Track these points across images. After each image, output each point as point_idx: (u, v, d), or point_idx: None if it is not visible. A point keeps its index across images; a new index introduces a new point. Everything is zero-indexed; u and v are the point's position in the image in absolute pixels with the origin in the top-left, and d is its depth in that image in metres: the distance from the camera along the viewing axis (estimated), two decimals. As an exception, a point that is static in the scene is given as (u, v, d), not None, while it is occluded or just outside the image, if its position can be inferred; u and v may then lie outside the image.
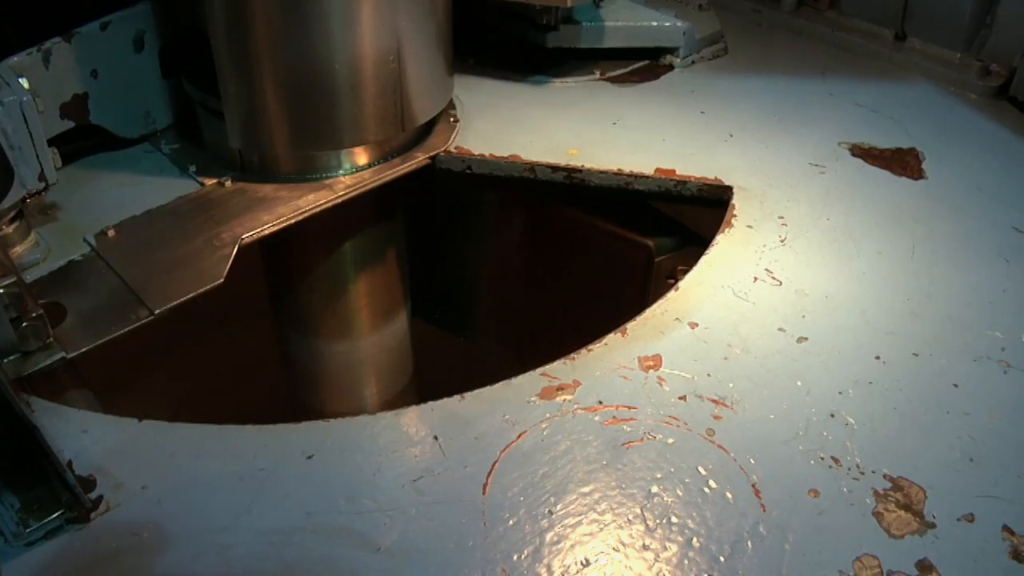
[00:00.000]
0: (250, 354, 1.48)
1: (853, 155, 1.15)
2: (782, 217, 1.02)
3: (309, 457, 0.72)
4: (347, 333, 1.29)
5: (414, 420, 0.76)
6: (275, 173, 1.07)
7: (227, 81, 1.00)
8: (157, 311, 0.86)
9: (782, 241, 0.99)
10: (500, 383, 0.79)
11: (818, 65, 1.38)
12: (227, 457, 0.72)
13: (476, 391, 0.78)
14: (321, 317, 1.27)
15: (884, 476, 0.72)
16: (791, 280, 0.93)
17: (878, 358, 0.83)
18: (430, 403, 0.77)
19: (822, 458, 0.73)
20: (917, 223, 1.02)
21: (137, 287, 0.89)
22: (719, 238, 0.98)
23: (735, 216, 1.02)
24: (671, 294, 0.90)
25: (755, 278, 0.93)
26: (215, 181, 1.06)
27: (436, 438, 0.74)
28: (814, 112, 1.25)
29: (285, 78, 0.98)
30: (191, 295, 0.88)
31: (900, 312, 0.89)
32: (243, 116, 1.02)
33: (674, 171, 1.09)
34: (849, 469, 0.72)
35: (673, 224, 1.17)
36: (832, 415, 0.77)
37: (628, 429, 0.75)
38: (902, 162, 1.14)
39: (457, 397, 0.77)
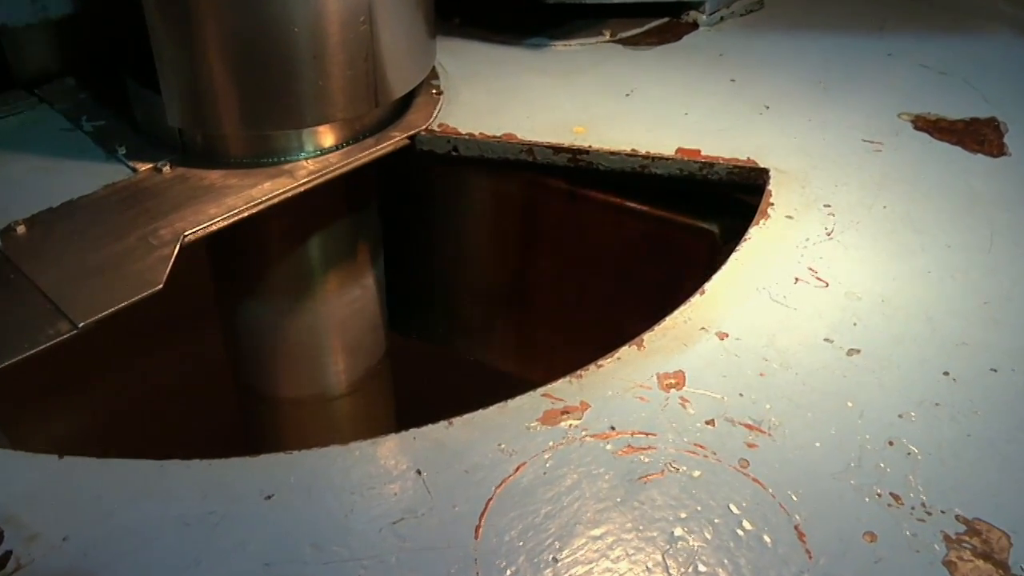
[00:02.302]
0: (195, 374, 1.49)
1: (916, 128, 1.17)
2: (829, 205, 1.04)
3: (268, 497, 0.73)
4: (311, 349, 1.31)
5: (393, 451, 0.77)
6: (223, 156, 1.08)
7: (162, 45, 1.01)
8: (81, 324, 0.87)
9: (828, 234, 1.00)
10: (494, 406, 0.80)
11: (875, 18, 1.39)
12: (169, 499, 0.73)
13: (466, 416, 0.79)
14: (279, 330, 1.28)
15: (956, 517, 0.72)
16: (840, 281, 0.94)
17: (947, 374, 0.85)
18: (412, 431, 0.78)
19: (879, 495, 0.74)
20: (997, 210, 1.03)
21: (55, 296, 0.89)
22: (753, 231, 1.00)
23: (772, 204, 1.03)
24: (695, 299, 0.91)
25: (796, 279, 0.94)
26: (150, 166, 1.07)
27: (419, 472, 0.75)
28: (869, 77, 1.27)
29: (234, 42, 0.99)
30: (123, 305, 0.89)
31: (975, 319, 0.90)
32: (183, 88, 1.03)
33: (699, 151, 1.11)
34: (913, 508, 0.73)
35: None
36: (891, 443, 0.78)
37: (646, 460, 0.76)
38: (978, 135, 1.15)
39: (444, 423, 0.79)
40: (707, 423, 0.79)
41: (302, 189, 1.05)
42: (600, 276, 1.26)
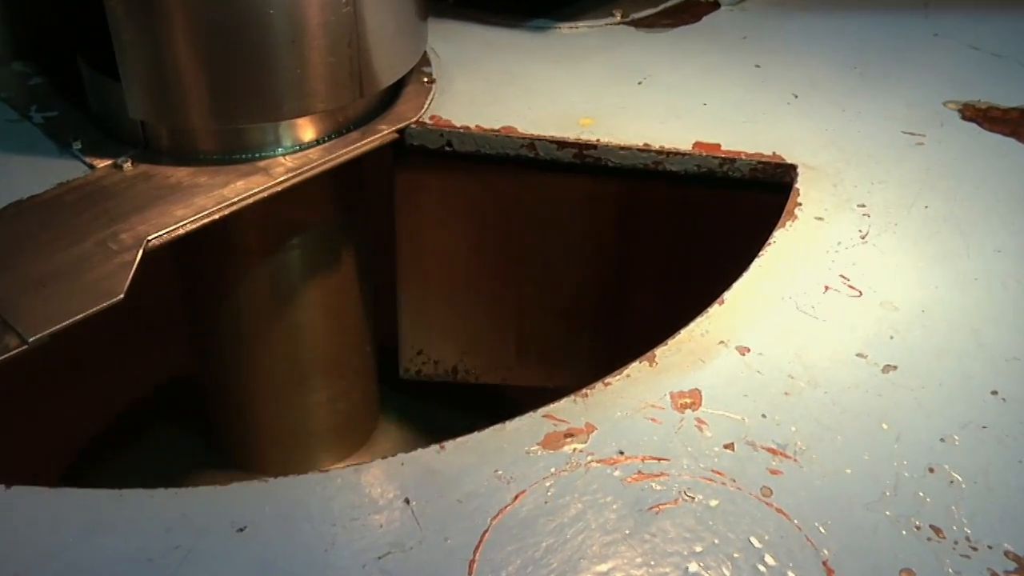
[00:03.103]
0: (157, 394, 1.50)
1: (964, 118, 1.18)
2: (863, 205, 1.05)
3: (241, 530, 0.74)
4: (291, 370, 1.32)
5: (379, 478, 0.78)
6: (192, 152, 1.09)
7: (122, 25, 1.01)
8: (31, 339, 0.87)
9: (863, 237, 1.01)
10: (490, 429, 0.81)
11: (920, -8, 1.40)
12: (130, 532, 0.74)
13: (459, 439, 0.80)
14: (255, 345, 1.29)
15: (1006, 553, 0.73)
16: (875, 289, 0.95)
17: (995, 393, 0.85)
18: (399, 456, 0.79)
19: (918, 527, 0.74)
20: (1054, 210, 1.04)
21: (2, 307, 0.90)
22: (778, 234, 1.01)
23: (799, 204, 1.05)
24: (713, 309, 0.93)
25: (826, 287, 0.96)
26: (109, 162, 1.08)
27: (408, 502, 0.76)
28: (911, 60, 1.28)
29: (203, 25, 1.00)
30: (79, 317, 0.89)
31: (1026, 331, 0.91)
32: (146, 75, 1.03)
33: (718, 145, 1.12)
34: (956, 543, 0.74)
35: None
36: (931, 470, 0.79)
37: (658, 488, 0.77)
38: (1035, 126, 1.16)
39: (434, 447, 0.80)
40: (726, 447, 0.80)
41: (279, 188, 1.06)
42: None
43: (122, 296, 0.92)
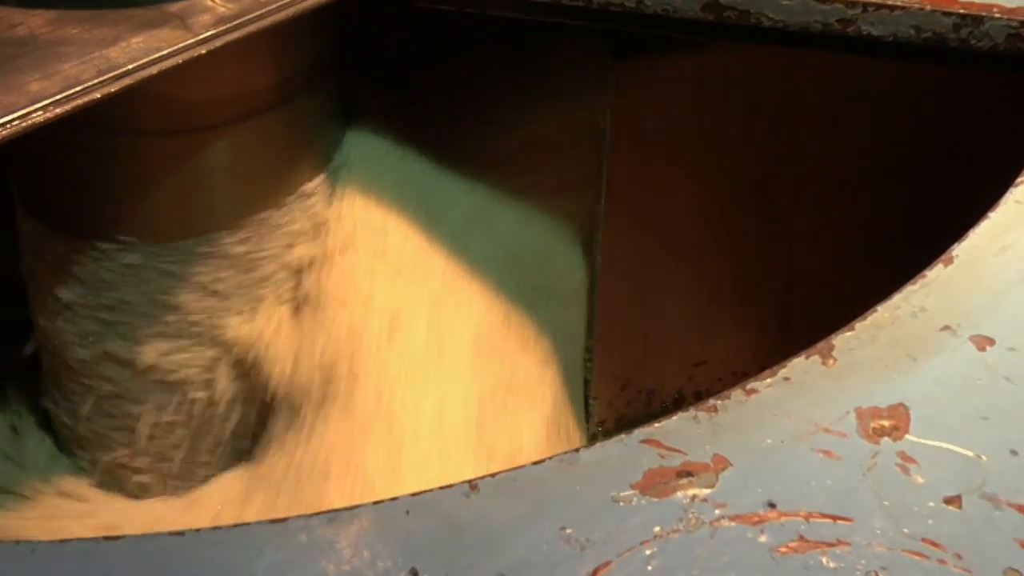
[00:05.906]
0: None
1: None
2: None
3: None
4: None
5: (368, 534, 0.80)
6: (58, -14, 1.12)
7: None
8: None
9: None
10: (555, 458, 0.83)
11: None
12: None
13: (502, 475, 0.83)
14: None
15: None
16: None
17: None
18: (403, 499, 0.82)
19: None
20: None
21: None
22: (1047, 149, 1.03)
23: (1091, 100, 1.07)
24: (934, 273, 0.94)
25: None
26: (-86, 2, 1.11)
27: (416, 574, 0.79)
28: None
29: None
30: None
31: None
32: None
33: (956, -6, 1.14)
34: None
35: None
36: None
37: (832, 564, 0.79)
38: None
39: (462, 487, 0.82)
40: (947, 502, 0.82)
41: (203, 50, 1.08)
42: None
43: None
